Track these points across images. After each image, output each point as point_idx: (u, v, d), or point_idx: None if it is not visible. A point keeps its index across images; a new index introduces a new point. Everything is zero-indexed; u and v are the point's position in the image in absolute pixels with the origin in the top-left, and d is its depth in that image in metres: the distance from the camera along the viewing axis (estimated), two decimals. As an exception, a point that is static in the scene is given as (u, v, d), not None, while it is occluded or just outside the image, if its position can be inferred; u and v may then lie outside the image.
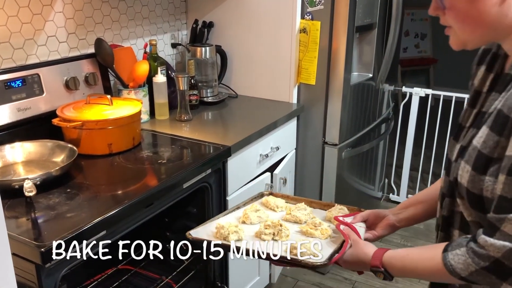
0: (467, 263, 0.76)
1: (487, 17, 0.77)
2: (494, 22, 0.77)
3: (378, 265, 0.91)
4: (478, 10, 0.77)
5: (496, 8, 0.76)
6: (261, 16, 2.17)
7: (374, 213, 1.11)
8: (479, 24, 0.79)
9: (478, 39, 0.82)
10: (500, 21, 0.77)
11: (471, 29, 0.80)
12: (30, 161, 1.46)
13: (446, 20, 0.83)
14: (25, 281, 1.09)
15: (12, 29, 1.60)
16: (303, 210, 1.22)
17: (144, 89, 1.88)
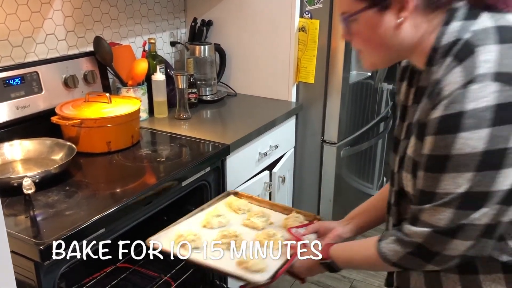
0: (396, 250, 0.87)
1: (388, 41, 0.85)
2: (395, 44, 0.85)
3: (325, 257, 1.03)
4: (379, 35, 0.85)
5: (394, 33, 0.83)
6: (260, 14, 2.17)
7: (324, 225, 1.21)
8: (382, 47, 0.87)
9: (385, 59, 0.90)
10: (400, 43, 0.85)
11: (377, 52, 0.89)
12: (29, 159, 1.46)
13: (355, 44, 0.91)
14: (24, 278, 1.09)
15: (11, 27, 1.60)
16: (261, 217, 1.28)
17: (143, 87, 1.88)
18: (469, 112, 0.72)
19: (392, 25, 0.83)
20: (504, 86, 0.71)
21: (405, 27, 0.83)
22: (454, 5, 0.81)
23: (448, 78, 0.75)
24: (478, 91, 0.72)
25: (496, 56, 0.73)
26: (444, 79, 0.76)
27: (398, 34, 0.83)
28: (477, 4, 0.80)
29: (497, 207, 0.76)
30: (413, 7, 0.80)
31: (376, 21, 0.83)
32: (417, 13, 0.81)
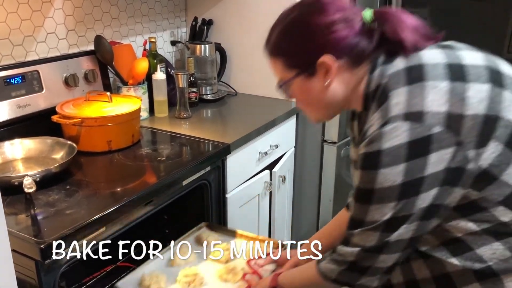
0: (332, 268, 0.95)
1: (322, 101, 0.95)
2: (330, 102, 0.95)
3: (274, 285, 1.12)
4: (312, 97, 0.96)
5: (325, 93, 0.93)
6: (261, 13, 2.17)
7: (283, 254, 1.30)
8: (318, 106, 0.98)
9: (327, 114, 1.02)
10: (333, 100, 0.95)
11: (315, 110, 1.01)
12: (29, 157, 1.46)
13: (297, 105, 1.03)
14: (24, 277, 1.09)
15: (12, 25, 1.60)
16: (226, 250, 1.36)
17: (144, 87, 1.88)
18: (386, 150, 0.81)
19: (321, 87, 0.93)
20: (414, 124, 0.79)
21: (334, 86, 0.92)
22: (375, 55, 0.90)
23: (371, 121, 0.86)
24: (392, 131, 0.80)
25: (405, 98, 0.82)
26: (368, 122, 0.86)
27: (330, 93, 0.93)
28: (392, 51, 0.89)
29: (417, 223, 0.85)
30: (337, 69, 0.90)
31: (307, 85, 0.94)
32: (343, 72, 0.91)
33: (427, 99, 0.81)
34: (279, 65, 0.96)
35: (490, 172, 0.81)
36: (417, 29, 0.90)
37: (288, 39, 0.94)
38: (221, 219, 1.74)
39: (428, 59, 0.87)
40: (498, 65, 0.90)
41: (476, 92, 0.82)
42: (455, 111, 0.80)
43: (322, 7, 0.90)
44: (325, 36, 0.89)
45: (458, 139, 0.79)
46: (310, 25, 0.90)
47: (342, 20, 0.89)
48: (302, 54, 0.92)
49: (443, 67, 0.85)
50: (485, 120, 0.81)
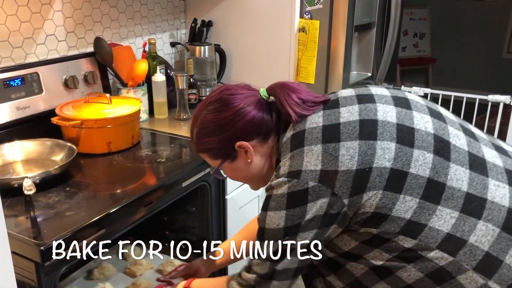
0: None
1: (250, 174, 1.11)
2: (257, 173, 1.10)
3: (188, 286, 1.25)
4: (242, 174, 1.12)
5: (250, 168, 1.09)
6: (260, 15, 2.17)
7: (191, 266, 1.44)
8: (250, 179, 1.15)
9: (261, 182, 1.14)
10: (259, 170, 1.10)
11: (250, 181, 1.18)
12: (29, 159, 1.46)
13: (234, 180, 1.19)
14: (24, 279, 1.09)
15: (11, 27, 1.60)
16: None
17: (143, 88, 1.88)
18: (273, 196, 0.97)
19: (245, 164, 1.08)
20: (293, 180, 0.94)
21: (256, 160, 1.08)
22: (278, 125, 1.05)
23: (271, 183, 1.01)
24: (278, 183, 0.96)
25: (289, 162, 0.97)
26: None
27: (254, 167, 1.09)
28: (287, 121, 1.03)
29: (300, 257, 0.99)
30: (253, 147, 1.05)
31: (234, 166, 1.09)
32: (259, 147, 1.06)
33: (304, 160, 0.95)
34: (206, 157, 1.11)
35: (380, 213, 0.92)
36: (301, 100, 1.02)
37: (204, 138, 1.07)
38: (221, 221, 1.74)
39: (309, 124, 0.99)
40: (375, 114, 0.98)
41: (347, 150, 0.93)
42: (329, 169, 0.93)
43: (225, 103, 1.04)
44: (234, 125, 1.03)
45: (332, 191, 0.92)
46: (218, 121, 1.04)
47: (244, 106, 1.04)
48: (220, 147, 1.06)
49: (318, 130, 0.97)
50: (358, 174, 0.92)
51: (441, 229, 0.91)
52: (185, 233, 1.77)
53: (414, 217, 0.92)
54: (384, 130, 0.95)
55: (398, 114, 0.98)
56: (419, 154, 0.93)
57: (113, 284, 1.53)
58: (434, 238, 0.91)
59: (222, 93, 1.07)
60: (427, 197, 0.92)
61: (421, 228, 0.92)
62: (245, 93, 1.08)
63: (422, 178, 0.92)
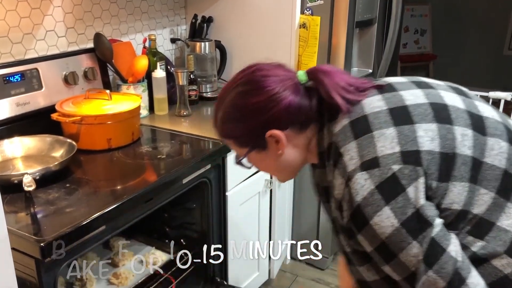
0: None
1: (279, 165, 0.98)
2: (287, 165, 0.98)
3: None
4: (269, 164, 0.99)
5: (280, 159, 0.96)
6: (261, 11, 2.17)
7: None
8: (278, 170, 1.02)
9: (289, 175, 1.04)
10: (290, 163, 0.98)
11: (277, 174, 1.05)
12: (29, 156, 1.46)
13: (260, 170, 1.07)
14: (24, 275, 1.09)
15: (11, 23, 1.60)
16: None
17: (143, 84, 1.87)
18: (362, 203, 0.81)
19: (275, 155, 0.96)
20: (372, 170, 0.81)
21: (287, 152, 0.95)
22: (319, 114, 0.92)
23: (335, 184, 0.87)
24: (357, 183, 0.81)
25: (356, 151, 0.83)
26: (334, 185, 0.87)
27: (285, 158, 0.96)
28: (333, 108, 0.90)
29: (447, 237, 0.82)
30: (286, 137, 0.92)
31: (262, 156, 0.97)
32: (292, 138, 0.94)
33: (376, 146, 0.82)
34: (231, 144, 0.99)
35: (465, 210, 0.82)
36: (349, 85, 0.91)
37: (231, 124, 0.95)
38: (222, 218, 1.73)
39: (369, 109, 0.88)
40: (442, 98, 0.89)
41: (426, 131, 0.83)
42: (409, 149, 0.81)
43: (258, 86, 0.91)
44: (267, 112, 0.90)
45: (422, 168, 0.80)
46: (249, 107, 0.91)
47: (280, 91, 0.90)
48: (248, 134, 0.94)
49: (385, 113, 0.86)
50: (442, 157, 0.81)
51: (509, 230, 0.82)
52: (185, 230, 1.77)
53: (486, 214, 0.82)
54: (457, 116, 0.85)
55: (463, 101, 0.89)
56: (493, 142, 0.84)
57: (95, 274, 1.55)
58: (503, 240, 0.81)
59: (254, 73, 0.93)
60: (501, 191, 0.82)
61: (489, 227, 0.82)
62: (281, 75, 0.92)
63: (498, 169, 0.82)
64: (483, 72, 5.05)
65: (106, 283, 1.55)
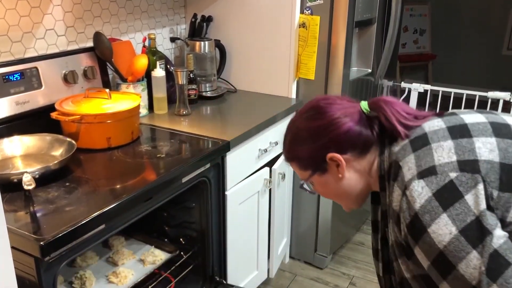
0: None
1: (342, 190, 1.02)
2: (349, 190, 1.01)
3: None
4: (332, 189, 1.03)
5: (342, 183, 1.00)
6: (261, 10, 2.17)
7: None
8: (341, 196, 1.05)
9: (354, 202, 1.06)
10: (352, 188, 1.01)
11: (340, 199, 1.07)
12: (28, 154, 1.46)
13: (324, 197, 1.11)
14: (24, 274, 1.09)
15: (10, 22, 1.60)
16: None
17: (143, 83, 1.87)
18: (420, 211, 0.82)
19: (336, 179, 1.00)
20: (429, 178, 0.82)
21: (348, 176, 0.99)
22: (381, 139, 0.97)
23: (393, 197, 0.88)
24: (414, 192, 0.83)
25: (414, 162, 0.86)
26: (392, 200, 0.89)
27: (346, 183, 1.00)
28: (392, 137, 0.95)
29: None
30: (346, 160, 0.97)
31: (324, 180, 1.01)
32: (353, 161, 0.98)
33: (434, 156, 0.84)
34: (295, 167, 1.06)
35: None
36: (408, 114, 0.96)
37: (296, 145, 1.02)
38: (221, 217, 1.74)
39: (429, 128, 0.92)
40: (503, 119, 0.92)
41: (484, 144, 0.84)
42: (466, 158, 0.82)
43: (321, 111, 0.98)
44: (328, 135, 0.96)
45: (480, 175, 0.80)
46: (312, 129, 0.98)
47: (341, 116, 0.96)
48: (311, 156, 1.00)
49: (444, 130, 0.89)
50: (503, 167, 0.81)
51: None
52: (184, 229, 1.78)
53: None
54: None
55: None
56: None
57: (94, 273, 1.55)
58: None
59: (319, 101, 1.01)
60: None
61: None
62: (344, 104, 1.00)
63: None
64: (482, 72, 5.05)
65: (106, 282, 1.55)
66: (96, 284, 1.53)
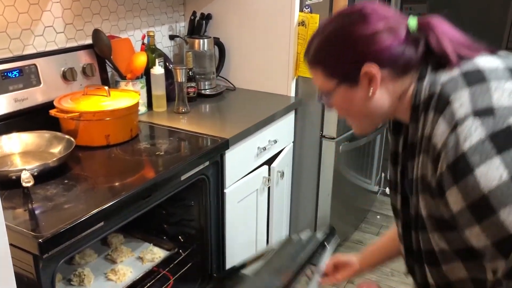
0: None
1: (365, 110, 0.91)
2: (373, 112, 0.91)
3: None
4: (355, 106, 0.91)
5: (369, 102, 0.89)
6: (260, 8, 2.16)
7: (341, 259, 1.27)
8: (361, 116, 0.94)
9: (370, 125, 0.97)
10: (377, 110, 0.91)
11: (358, 120, 0.96)
12: (27, 152, 1.46)
13: (340, 114, 0.97)
14: (22, 271, 1.09)
15: (9, 18, 1.59)
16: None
17: (142, 81, 1.87)
18: (469, 150, 0.74)
19: (364, 97, 0.89)
20: (486, 118, 0.75)
21: (378, 96, 0.88)
22: (422, 64, 0.86)
23: (436, 132, 0.79)
24: (466, 130, 0.75)
25: (468, 99, 0.78)
26: (434, 134, 0.80)
27: (373, 103, 0.90)
28: (439, 61, 0.85)
29: None
30: (381, 78, 0.86)
31: (350, 95, 0.90)
32: (387, 81, 0.87)
33: (493, 97, 0.77)
34: (319, 74, 0.93)
35: None
36: (460, 41, 0.87)
37: (328, 48, 0.90)
38: (220, 215, 1.74)
39: (484, 65, 0.83)
40: None
41: None
42: None
43: (364, 17, 0.87)
44: (368, 45, 0.86)
45: None
46: (351, 35, 0.87)
47: (385, 29, 0.86)
48: (343, 63, 0.89)
49: (502, 70, 0.81)
50: None
51: None
52: (183, 227, 1.77)
53: None
54: None
55: None
56: None
57: (93, 270, 1.55)
58: None
59: (365, 8, 0.89)
60: None
61: None
62: (391, 15, 0.88)
63: None
64: (481, 71, 5.05)
65: (104, 280, 1.55)
66: (94, 282, 1.53)
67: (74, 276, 1.51)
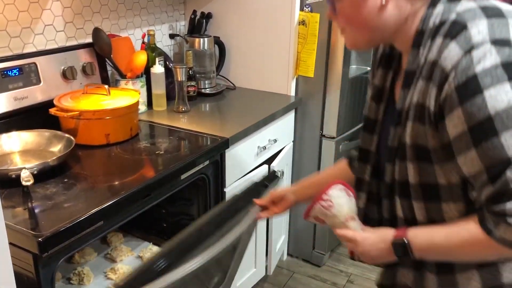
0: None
1: (371, 21, 0.87)
2: (378, 25, 0.87)
3: (402, 236, 0.90)
4: (363, 15, 0.87)
5: (378, 14, 0.86)
6: (260, 7, 2.16)
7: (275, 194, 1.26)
8: (365, 27, 0.89)
9: (368, 40, 0.92)
10: (383, 25, 0.87)
11: (360, 31, 0.91)
12: (27, 150, 1.46)
13: (340, 23, 0.93)
14: (22, 270, 1.09)
15: (9, 17, 1.59)
16: None
17: (142, 80, 1.87)
18: (481, 73, 0.75)
19: (376, 6, 0.85)
20: (502, 48, 0.75)
21: (389, 9, 0.85)
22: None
23: (446, 55, 0.78)
24: (481, 54, 0.75)
25: (486, 27, 0.77)
26: (442, 57, 0.79)
27: (382, 15, 0.86)
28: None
29: None
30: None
31: (361, 1, 0.86)
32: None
33: (510, 31, 0.77)
34: None
35: None
36: None
37: None
38: (219, 213, 1.73)
39: (500, 5, 0.82)
40: None
41: None
42: None
43: None
44: None
45: None
46: None
47: None
48: None
49: None
50: None
51: None
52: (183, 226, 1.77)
53: None
54: None
55: None
56: None
57: (93, 269, 1.55)
58: None
59: None
60: None
61: None
62: None
63: None
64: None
65: (104, 278, 1.55)
66: (94, 281, 1.53)
67: (73, 275, 1.51)
